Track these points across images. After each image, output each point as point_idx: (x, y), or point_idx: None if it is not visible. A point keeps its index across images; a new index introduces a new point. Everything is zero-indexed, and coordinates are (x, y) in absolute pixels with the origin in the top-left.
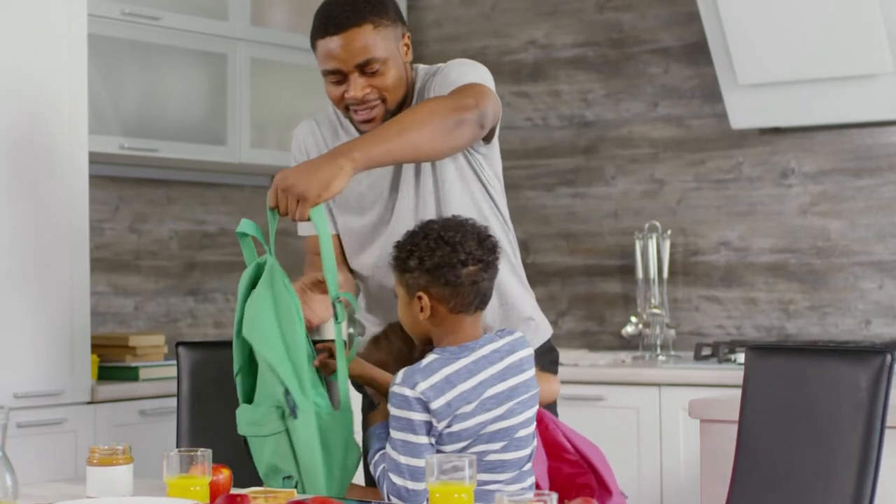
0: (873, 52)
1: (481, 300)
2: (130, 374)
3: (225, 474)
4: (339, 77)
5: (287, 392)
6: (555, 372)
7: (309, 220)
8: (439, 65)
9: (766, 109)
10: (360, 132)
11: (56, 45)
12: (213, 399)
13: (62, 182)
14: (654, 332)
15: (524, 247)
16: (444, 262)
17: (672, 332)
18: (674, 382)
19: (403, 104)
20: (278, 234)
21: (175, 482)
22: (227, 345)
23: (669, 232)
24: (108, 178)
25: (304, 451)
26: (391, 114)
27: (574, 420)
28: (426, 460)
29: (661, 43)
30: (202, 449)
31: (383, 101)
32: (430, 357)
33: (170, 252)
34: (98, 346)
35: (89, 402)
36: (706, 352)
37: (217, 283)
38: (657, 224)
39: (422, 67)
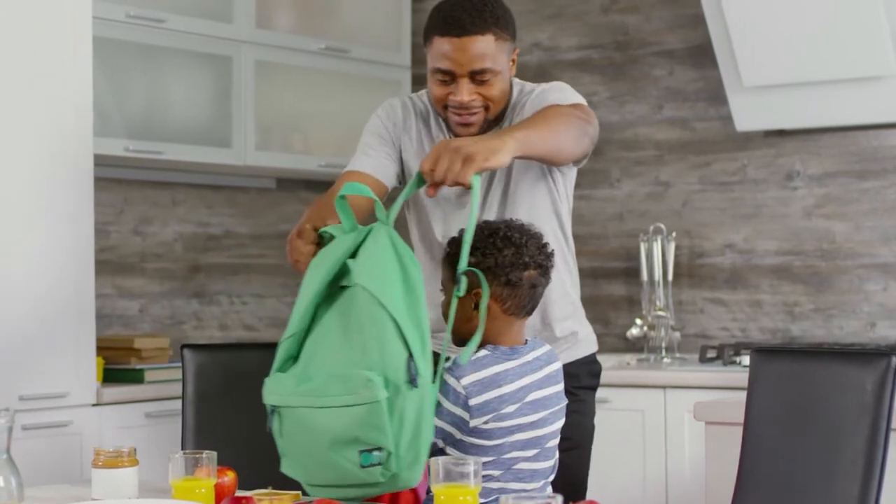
0: (878, 55)
1: (533, 305)
2: (135, 377)
3: (230, 476)
4: (448, 78)
5: (411, 357)
6: (593, 386)
7: (468, 186)
8: (540, 85)
9: (771, 112)
10: (453, 133)
11: (61, 48)
12: (218, 401)
13: (67, 184)
14: (659, 335)
15: None
16: (509, 262)
17: (677, 334)
18: (679, 385)
19: (501, 117)
20: (283, 237)
21: (180, 484)
22: (232, 347)
23: (674, 234)
24: (113, 180)
25: (411, 424)
26: (489, 123)
27: None
28: (431, 462)
29: (666, 45)
30: (207, 451)
31: (486, 109)
32: (483, 352)
33: (175, 254)
34: (103, 349)
35: (94, 405)
36: (711, 354)
37: (222, 286)
38: (662, 226)
39: (518, 82)
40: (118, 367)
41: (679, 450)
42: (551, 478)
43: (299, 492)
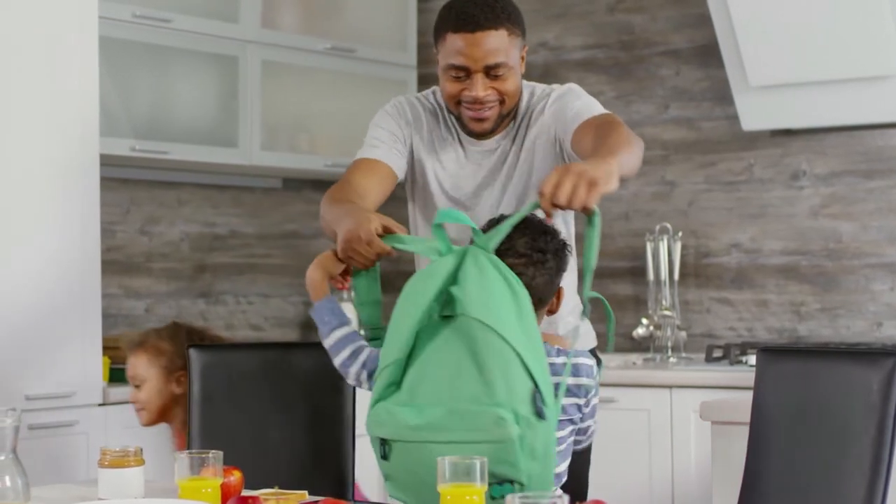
0: (884, 54)
1: (545, 295)
2: None
3: (236, 476)
4: (461, 74)
5: (537, 388)
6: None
7: (591, 212)
8: (553, 88)
9: (778, 111)
10: (466, 129)
11: (68, 48)
12: (225, 401)
13: (73, 184)
14: (666, 334)
15: None
16: (547, 255)
17: (683, 333)
18: (685, 384)
19: (514, 114)
20: (288, 237)
21: (186, 484)
22: (238, 347)
23: (680, 234)
24: (120, 180)
25: (541, 454)
26: (501, 119)
27: None
28: (438, 461)
29: (672, 45)
30: (213, 451)
31: (501, 103)
32: None
33: (181, 254)
34: (109, 349)
35: (101, 405)
36: (717, 354)
37: (228, 286)
38: (668, 226)
39: (527, 84)
40: (124, 367)
41: (685, 449)
42: (561, 483)
43: (305, 491)
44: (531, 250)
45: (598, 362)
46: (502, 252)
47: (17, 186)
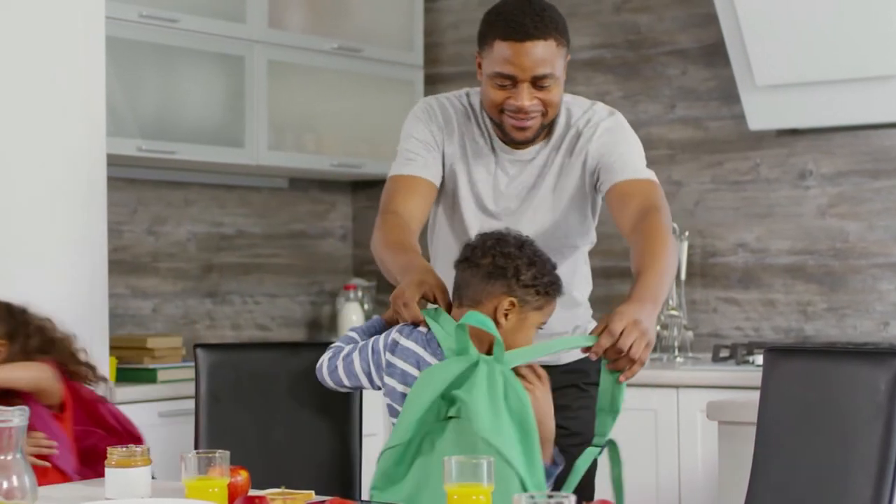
0: (890, 54)
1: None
2: (148, 376)
3: (243, 476)
4: (507, 82)
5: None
6: (596, 382)
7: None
8: (595, 107)
9: (784, 111)
10: (505, 136)
11: (74, 48)
12: (231, 401)
13: (80, 184)
14: (672, 334)
15: None
16: (532, 270)
17: (690, 333)
18: (692, 384)
19: (553, 125)
20: (295, 236)
21: (193, 484)
22: (245, 346)
23: (687, 234)
24: (126, 180)
25: None
26: (543, 129)
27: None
28: (444, 460)
29: (679, 45)
30: (220, 450)
31: (543, 114)
32: None
33: (188, 254)
34: (116, 348)
35: None
36: (724, 353)
37: (235, 286)
38: (675, 226)
39: (568, 98)
40: (131, 367)
41: (692, 449)
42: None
43: (312, 491)
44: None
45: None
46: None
47: (23, 186)
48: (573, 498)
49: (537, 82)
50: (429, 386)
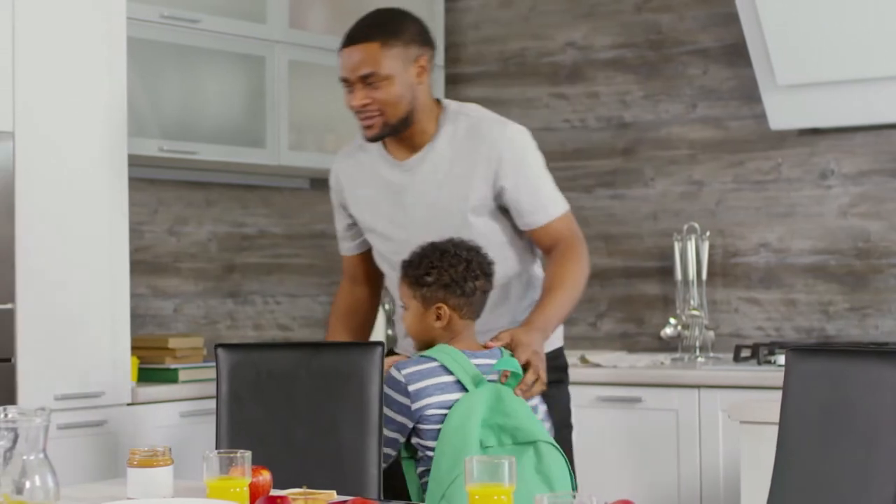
0: None
1: (481, 309)
2: (170, 376)
3: (265, 476)
4: (348, 86)
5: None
6: (559, 380)
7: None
8: (473, 115)
9: (806, 110)
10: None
11: (96, 49)
12: (252, 400)
13: (102, 185)
14: (693, 334)
15: None
16: (461, 276)
17: (711, 333)
18: (713, 384)
19: (407, 121)
20: (316, 237)
21: (215, 484)
22: (266, 347)
23: (708, 233)
24: (148, 180)
25: None
26: (391, 127)
27: (612, 422)
28: (465, 461)
29: (700, 44)
30: (242, 450)
31: (382, 113)
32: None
33: (209, 254)
34: (138, 349)
35: (129, 404)
36: (745, 353)
37: (256, 286)
38: (696, 225)
39: (453, 111)
40: (153, 367)
41: (713, 449)
42: None
43: (333, 491)
44: (488, 268)
45: (562, 362)
46: (476, 275)
47: (46, 187)
48: (595, 498)
49: (366, 81)
50: (470, 423)
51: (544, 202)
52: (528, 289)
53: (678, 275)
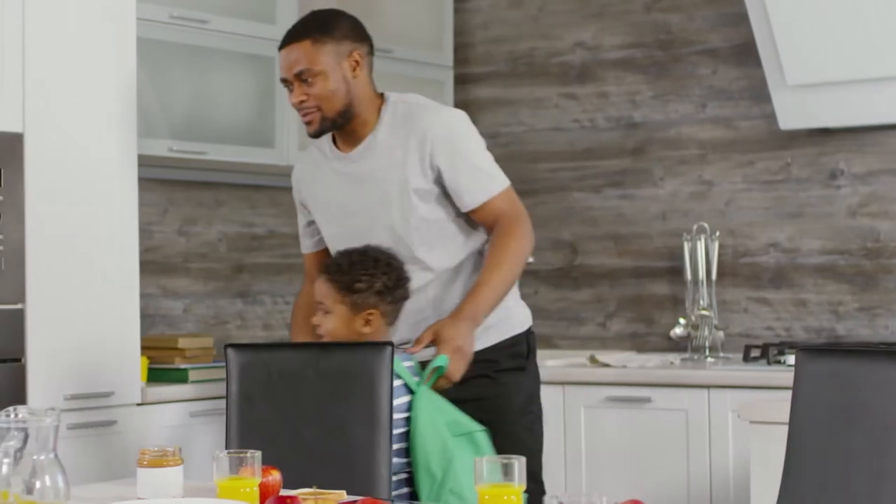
0: None
1: (399, 315)
2: (180, 376)
3: (275, 476)
4: (288, 86)
5: None
6: (518, 367)
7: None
8: (411, 101)
9: (815, 110)
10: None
11: (105, 49)
12: (262, 400)
13: (112, 185)
14: (703, 334)
15: (572, 248)
16: (393, 284)
17: (721, 333)
18: (723, 384)
19: (346, 115)
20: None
21: (225, 484)
22: (276, 346)
23: (718, 233)
24: (157, 180)
25: None
26: (329, 121)
27: (622, 421)
28: (475, 461)
29: (709, 44)
30: (252, 450)
31: (319, 109)
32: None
33: (218, 254)
34: (147, 349)
35: (139, 404)
36: (755, 353)
37: (266, 286)
38: (705, 225)
39: (392, 101)
40: (163, 367)
41: (723, 450)
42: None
43: (343, 491)
44: (407, 274)
45: (521, 349)
46: (403, 282)
47: (56, 188)
48: (604, 498)
49: (301, 78)
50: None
51: (482, 180)
52: (479, 268)
53: (688, 275)
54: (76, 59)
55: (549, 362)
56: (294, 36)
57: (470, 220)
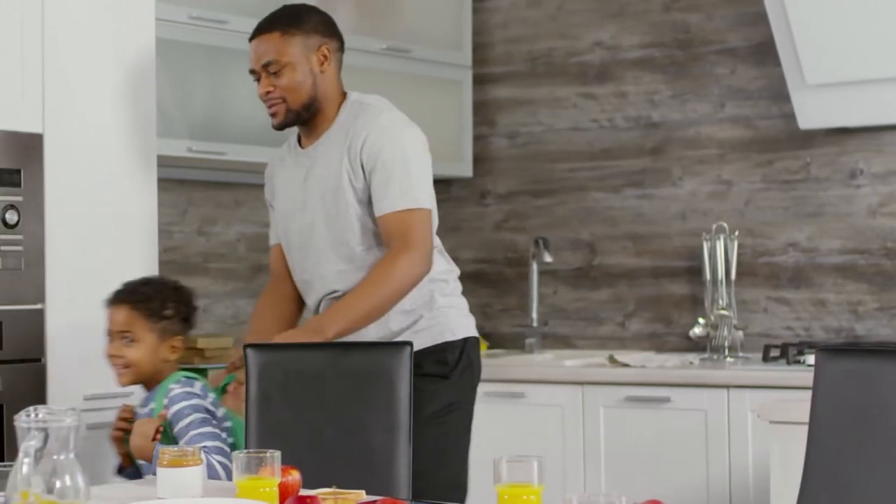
0: None
1: None
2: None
3: (294, 475)
4: (256, 77)
5: None
6: (440, 374)
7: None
8: (366, 102)
9: (834, 109)
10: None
11: (125, 50)
12: (281, 400)
13: (131, 185)
14: (722, 334)
15: (591, 248)
16: (193, 312)
17: (740, 333)
18: (742, 384)
19: (310, 108)
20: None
21: (244, 483)
22: (295, 347)
23: (737, 233)
24: (177, 181)
25: None
26: (294, 113)
27: (641, 421)
28: (494, 461)
29: (728, 43)
30: (271, 450)
31: (284, 100)
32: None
33: (237, 254)
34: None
35: None
36: (774, 353)
37: None
38: (724, 225)
39: (352, 101)
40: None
41: (742, 450)
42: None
43: (363, 491)
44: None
45: (447, 357)
46: (195, 309)
47: (75, 188)
48: (624, 498)
49: (268, 70)
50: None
51: (394, 191)
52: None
53: (707, 274)
54: (95, 60)
55: (567, 362)
56: (264, 27)
57: None
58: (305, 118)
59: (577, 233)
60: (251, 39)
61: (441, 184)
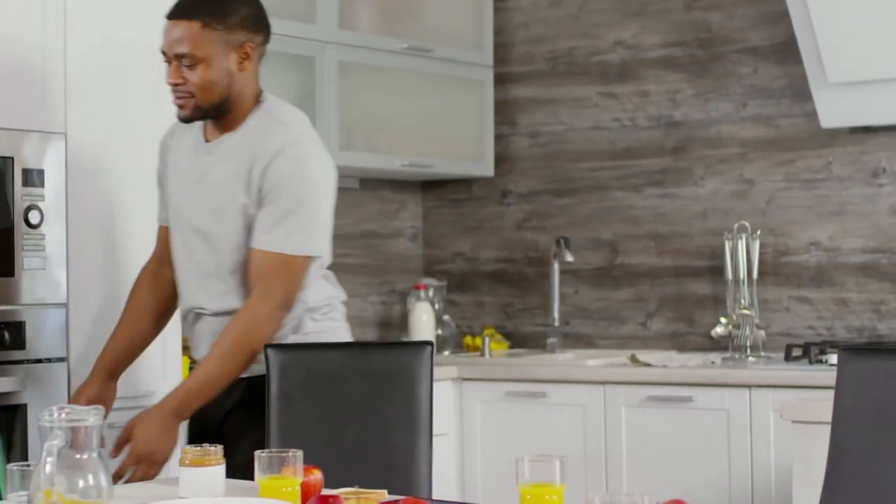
0: None
1: None
2: None
3: (316, 475)
4: (166, 60)
5: None
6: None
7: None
8: (279, 117)
9: (857, 108)
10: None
11: (146, 50)
12: (303, 400)
13: (153, 185)
14: (744, 333)
15: (612, 248)
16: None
17: (762, 332)
18: (764, 384)
19: (221, 108)
20: (366, 236)
21: (267, 483)
22: (315, 346)
23: (759, 232)
24: None
25: None
26: (202, 111)
27: (663, 421)
28: (516, 461)
29: (750, 42)
30: (293, 450)
31: (193, 96)
32: None
33: None
34: (188, 348)
35: None
36: (797, 353)
37: None
38: (746, 224)
39: (264, 110)
40: None
41: (764, 449)
42: None
43: (384, 490)
44: None
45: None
46: None
47: (97, 188)
48: (647, 497)
49: (181, 60)
50: None
51: (280, 230)
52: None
53: (729, 274)
54: (117, 61)
55: (589, 362)
56: (185, 12)
57: None
58: (215, 116)
59: (599, 232)
60: (168, 19)
61: (462, 183)
